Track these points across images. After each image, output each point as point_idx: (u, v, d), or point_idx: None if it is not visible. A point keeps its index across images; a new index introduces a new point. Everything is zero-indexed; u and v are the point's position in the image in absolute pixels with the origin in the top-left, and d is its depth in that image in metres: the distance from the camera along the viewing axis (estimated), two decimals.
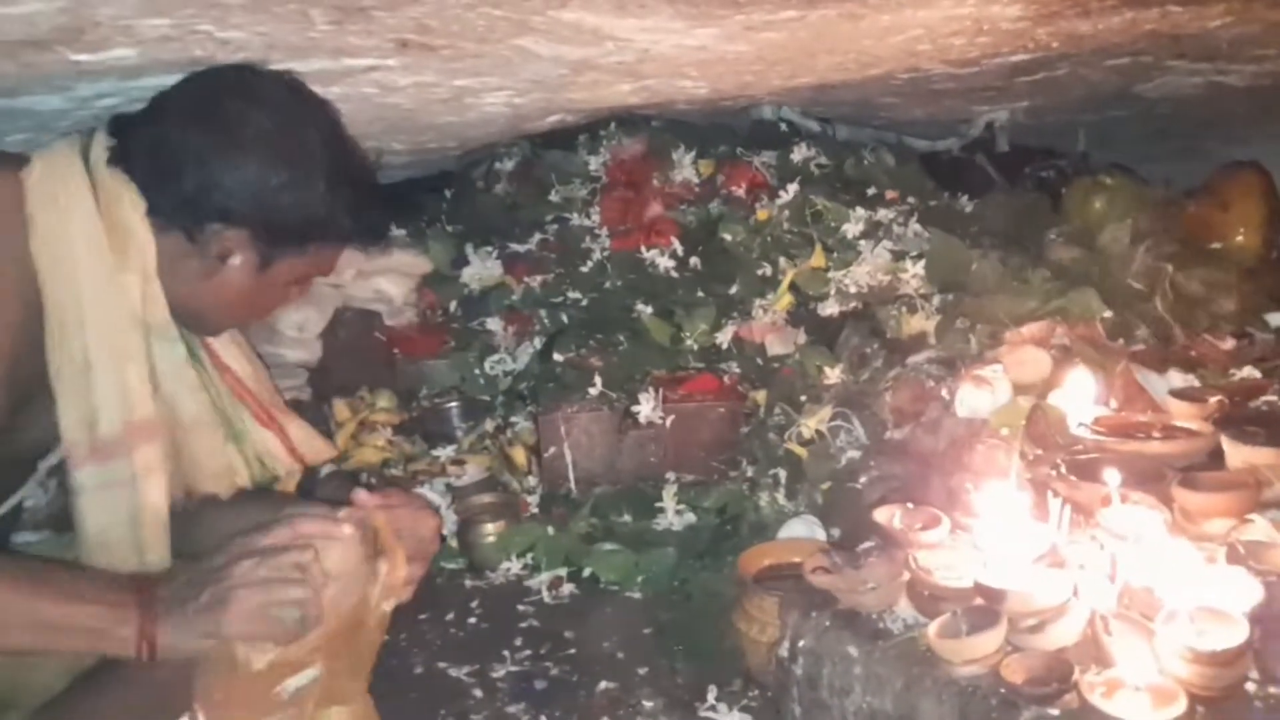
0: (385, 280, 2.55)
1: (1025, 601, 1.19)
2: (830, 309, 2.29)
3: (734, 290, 2.39)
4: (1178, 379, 1.72)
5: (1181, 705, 1.05)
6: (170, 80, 1.49)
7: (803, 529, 1.94)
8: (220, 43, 1.44)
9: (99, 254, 1.22)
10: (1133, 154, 3.04)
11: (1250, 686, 1.09)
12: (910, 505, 1.48)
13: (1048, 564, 1.29)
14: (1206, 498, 1.29)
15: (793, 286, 2.34)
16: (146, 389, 1.27)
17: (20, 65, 1.36)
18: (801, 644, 1.44)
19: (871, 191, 2.47)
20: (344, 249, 1.44)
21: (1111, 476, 1.31)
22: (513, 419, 2.35)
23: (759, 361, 2.30)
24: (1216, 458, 1.43)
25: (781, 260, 2.37)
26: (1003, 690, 1.16)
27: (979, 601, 1.25)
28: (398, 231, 2.65)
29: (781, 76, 2.24)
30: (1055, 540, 1.31)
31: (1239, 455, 1.35)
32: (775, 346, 2.29)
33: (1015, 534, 1.30)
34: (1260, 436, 1.36)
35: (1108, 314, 1.87)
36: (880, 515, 1.47)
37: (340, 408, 2.31)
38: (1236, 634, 1.05)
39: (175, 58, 1.46)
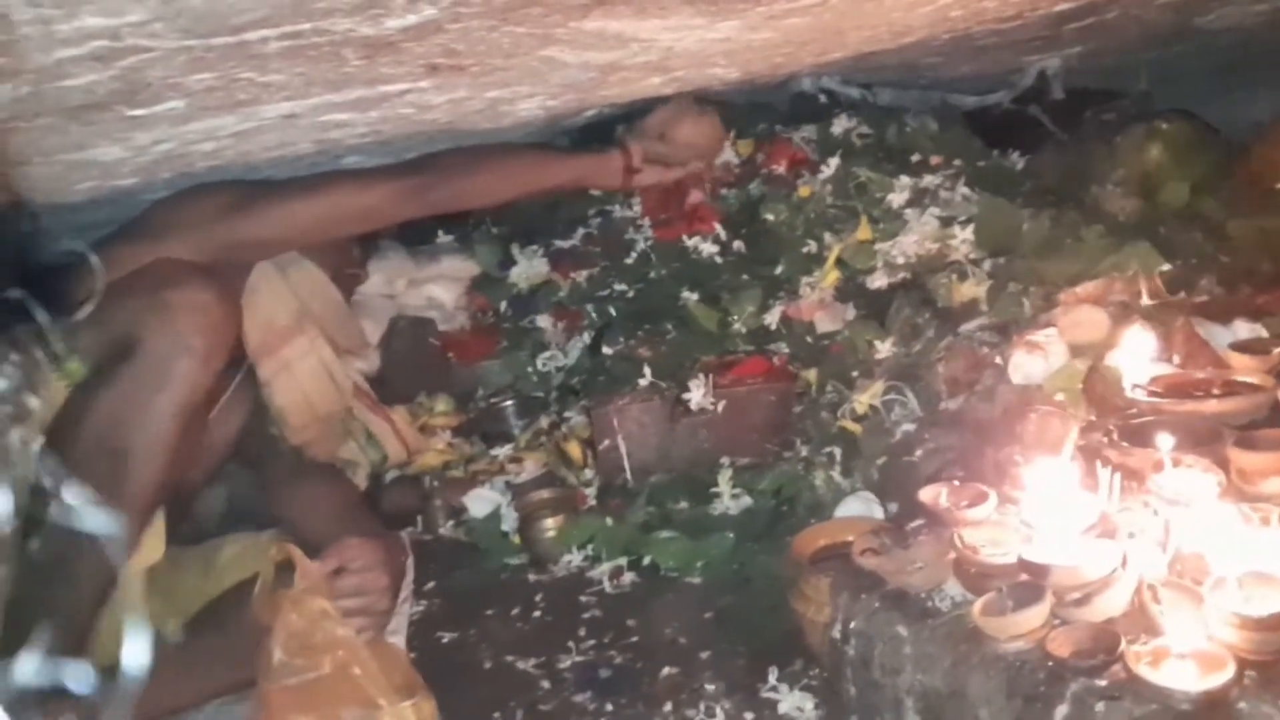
0: (436, 287, 2.59)
1: (1070, 575, 1.16)
2: (879, 282, 2.24)
3: (779, 270, 2.36)
4: (1244, 329, 1.65)
5: (1230, 671, 1.01)
6: (219, 123, 1.58)
7: (859, 506, 1.91)
8: (262, 86, 1.52)
9: None
10: (1203, 89, 2.90)
11: None
12: (956, 482, 1.45)
13: (1098, 534, 1.25)
14: (1263, 457, 1.23)
15: (839, 261, 2.30)
16: None
17: (83, 124, 1.47)
18: (853, 625, 1.43)
19: (916, 158, 2.40)
20: None
21: (1164, 440, 1.26)
22: (566, 414, 2.36)
23: (808, 340, 2.26)
24: None
25: (826, 236, 2.32)
26: (1050, 664, 1.13)
27: (1024, 577, 1.22)
28: (445, 238, 2.69)
29: (813, 54, 2.21)
30: (1105, 509, 1.27)
31: None
32: (824, 324, 2.26)
33: (1062, 506, 1.27)
34: None
35: (1166, 267, 1.80)
36: (926, 494, 1.45)
37: (400, 415, 2.35)
38: None
39: (221, 103, 1.57)
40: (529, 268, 2.61)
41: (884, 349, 2.13)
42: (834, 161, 2.41)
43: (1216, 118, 2.51)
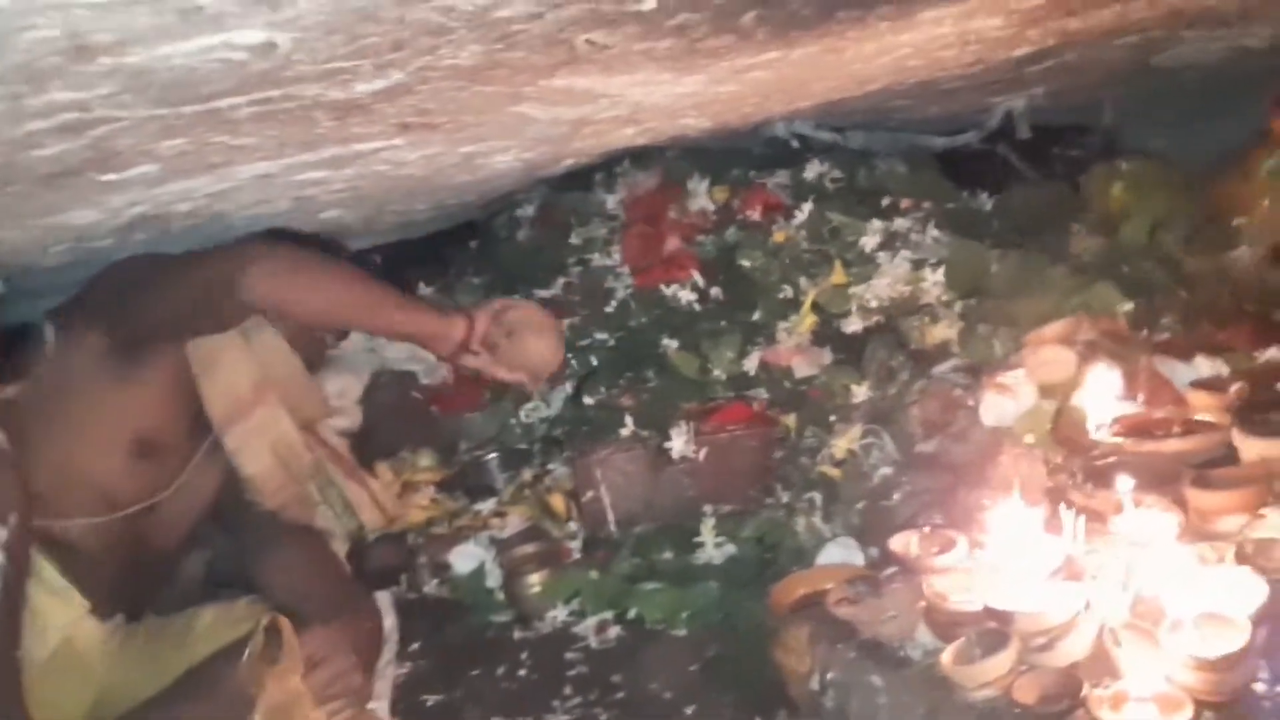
0: None
1: (1034, 621, 1.17)
2: (854, 325, 2.27)
3: (757, 316, 2.38)
4: (1205, 366, 1.67)
5: (1188, 713, 1.02)
6: (194, 184, 1.60)
7: (840, 553, 1.92)
8: (235, 148, 1.54)
9: None
10: (1166, 122, 2.94)
11: (1259, 687, 1.07)
12: (927, 529, 1.46)
13: (1063, 577, 1.26)
14: (1218, 496, 1.25)
15: (815, 306, 2.33)
16: None
17: (56, 190, 1.48)
18: (830, 676, 1.44)
19: (887, 201, 2.44)
20: None
21: (1124, 483, 1.28)
22: (550, 466, 2.37)
23: (787, 385, 2.28)
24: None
25: (802, 280, 2.35)
26: (1017, 711, 1.14)
27: (991, 624, 1.23)
28: (426, 289, 2.70)
29: (781, 104, 2.25)
30: (1070, 552, 1.28)
31: (1251, 449, 1.31)
32: (802, 368, 2.28)
33: (1028, 550, 1.28)
34: (1273, 427, 1.31)
35: (1129, 306, 1.82)
36: (897, 543, 1.46)
37: (383, 471, 2.35)
38: (1238, 638, 1.02)
39: (194, 166, 1.59)
40: None
41: (860, 392, 2.15)
42: (807, 206, 2.44)
43: (1180, 149, 2.55)
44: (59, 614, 1.54)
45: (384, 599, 2.01)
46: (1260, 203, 2.02)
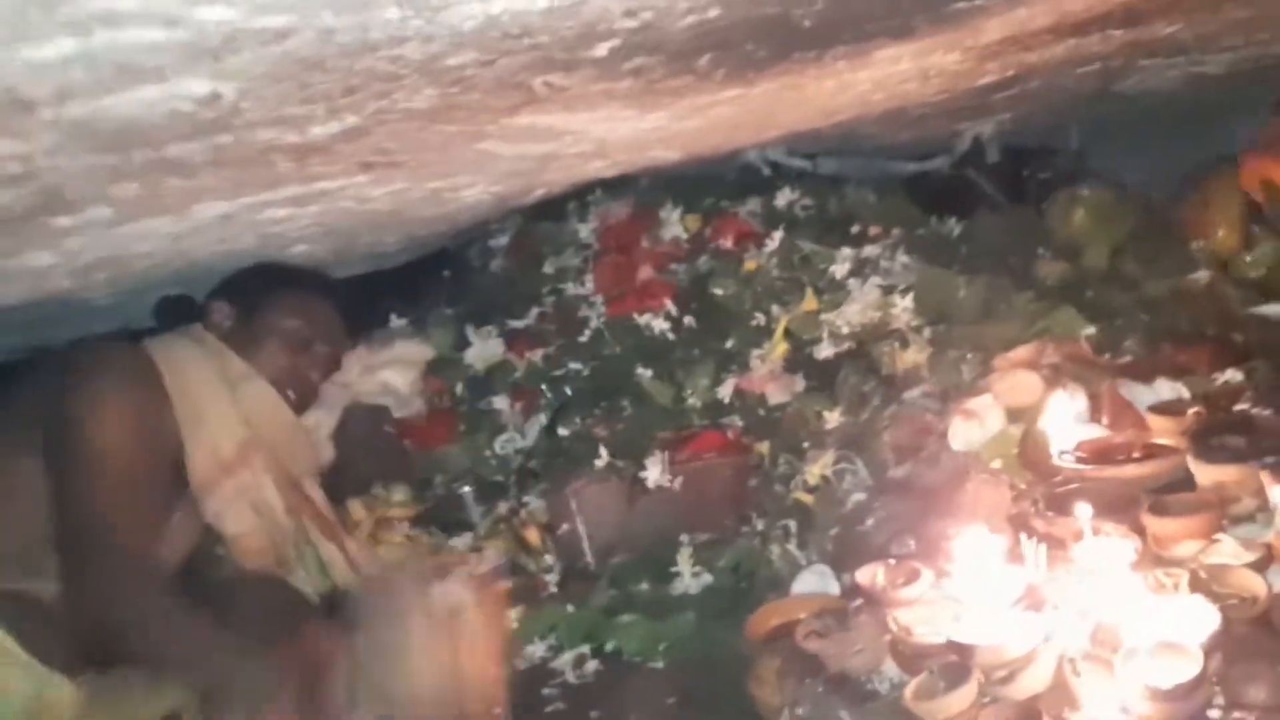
0: (390, 372, 2.58)
1: (995, 653, 1.17)
2: (826, 351, 2.27)
3: (730, 343, 2.39)
4: (1166, 388, 1.68)
5: None
6: (153, 225, 1.59)
7: (815, 581, 1.92)
8: (191, 191, 1.52)
9: None
10: (1132, 145, 2.97)
11: (1214, 714, 1.06)
12: (892, 561, 1.46)
13: (1025, 607, 1.26)
14: (1175, 522, 1.26)
15: (787, 333, 2.33)
16: None
17: (9, 235, 1.49)
18: (799, 711, 1.44)
19: (856, 228, 2.45)
20: None
21: (1083, 510, 1.28)
22: (525, 498, 2.36)
23: (761, 412, 2.28)
24: None
25: (774, 308, 2.36)
26: None
27: (953, 657, 1.23)
28: (398, 321, 2.70)
29: (749, 135, 2.27)
30: (1032, 581, 1.29)
31: (1206, 474, 1.31)
32: (775, 395, 2.28)
33: (990, 580, 1.28)
34: (1228, 452, 1.32)
35: (1091, 330, 1.83)
36: (863, 575, 1.46)
37: (355, 508, 2.34)
38: (1191, 667, 1.02)
39: (150, 209, 1.58)
40: (484, 348, 2.62)
41: (833, 419, 2.15)
42: (778, 234, 2.46)
43: (1143, 172, 2.58)
44: (22, 683, 1.50)
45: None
46: (1217, 228, 2.04)
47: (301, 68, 1.09)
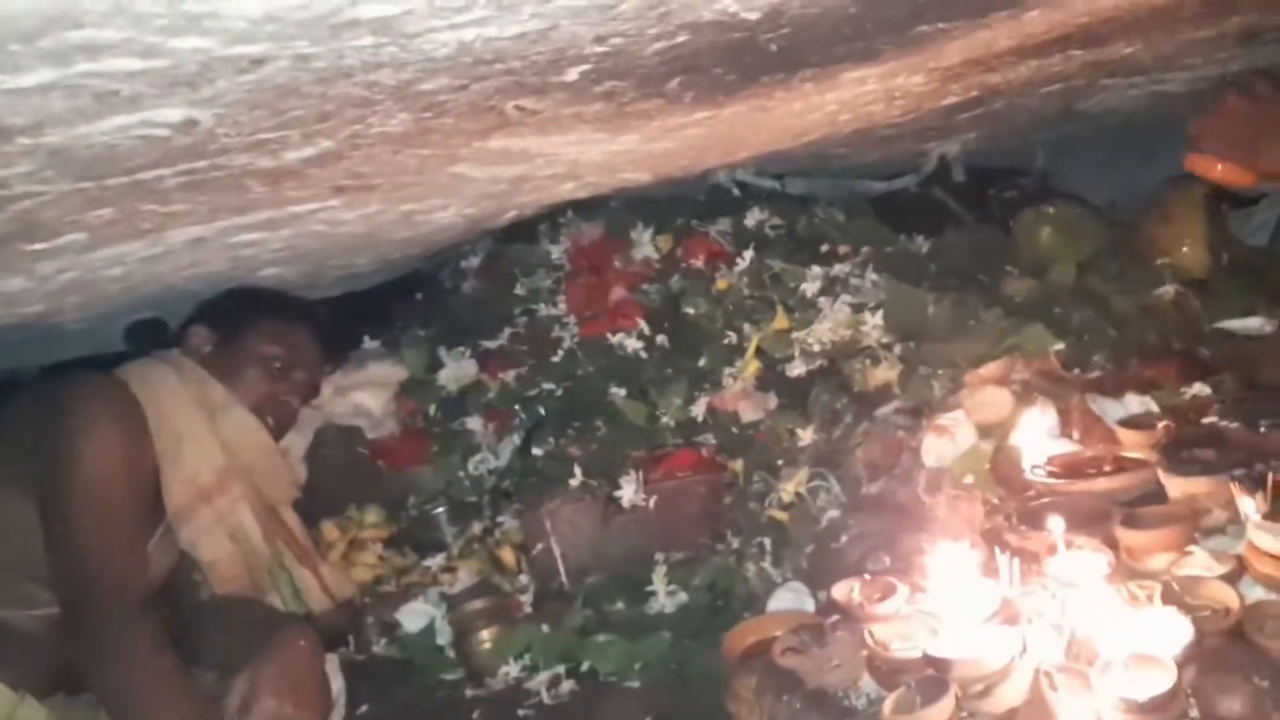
0: (363, 394, 2.58)
1: (971, 667, 1.18)
2: (798, 369, 2.29)
3: (702, 362, 2.40)
4: (1135, 403, 1.71)
5: None
6: (126, 249, 1.59)
7: (790, 598, 1.93)
8: (165, 215, 1.53)
9: None
10: (1097, 162, 3.02)
11: None
12: (868, 576, 1.47)
13: (1000, 621, 1.27)
14: (1147, 535, 1.28)
15: (759, 351, 2.35)
16: None
17: None
18: None
19: (826, 247, 2.47)
20: None
21: (1055, 524, 1.30)
22: (499, 519, 2.35)
23: (734, 430, 2.29)
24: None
25: (745, 326, 2.38)
26: None
27: (930, 671, 1.24)
28: (371, 343, 2.70)
29: (718, 157, 2.29)
30: (1007, 596, 1.30)
31: (1177, 487, 1.34)
32: (748, 413, 2.29)
33: (965, 595, 1.29)
34: (1199, 465, 1.34)
35: (1060, 346, 1.86)
36: (839, 591, 1.47)
37: (329, 530, 2.33)
38: (1165, 679, 1.04)
39: (124, 234, 1.59)
40: (457, 369, 2.62)
41: (806, 436, 2.16)
42: (749, 254, 2.48)
43: (1110, 189, 2.62)
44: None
45: (331, 662, 1.97)
46: (1181, 243, 2.08)
47: (277, 94, 1.10)
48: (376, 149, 1.51)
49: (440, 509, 2.41)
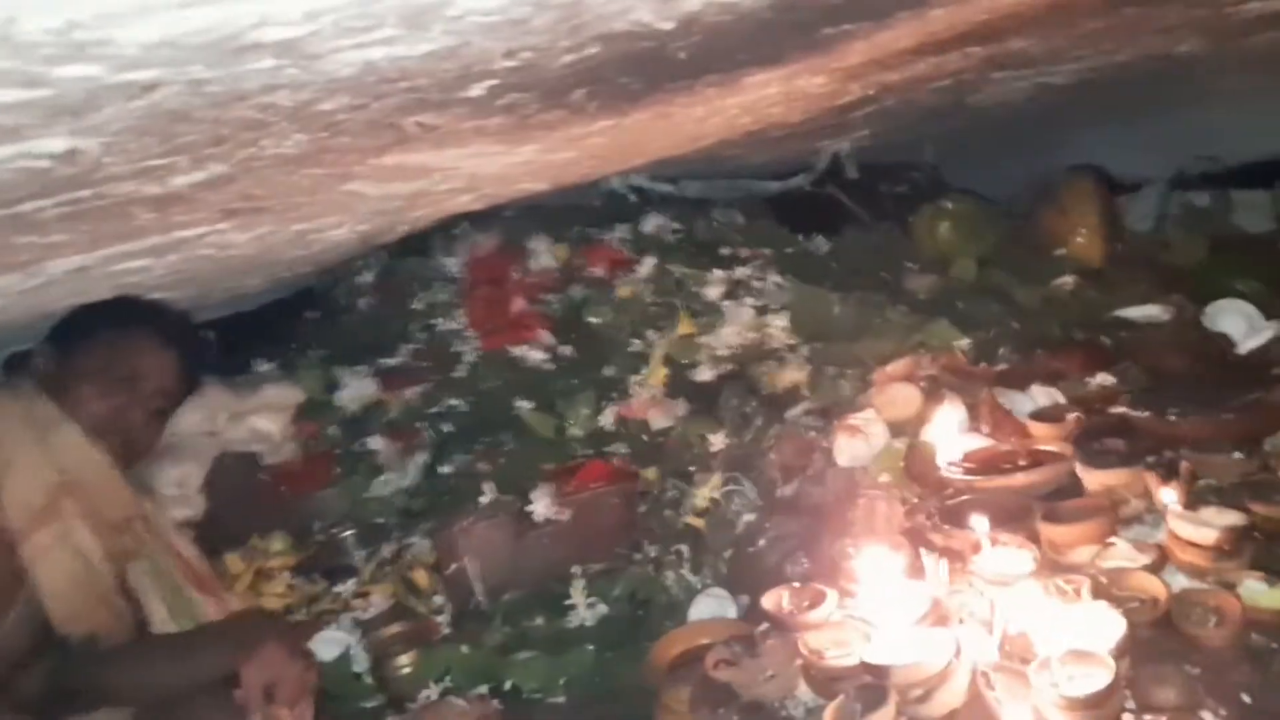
0: (260, 419, 2.48)
1: (909, 673, 1.18)
2: (706, 374, 2.29)
3: (609, 371, 2.38)
4: (1041, 395, 1.75)
5: None
6: (4, 282, 1.50)
7: (712, 605, 1.93)
8: (45, 246, 1.45)
9: None
10: (984, 156, 3.10)
11: (1127, 718, 1.10)
12: (796, 584, 1.47)
13: (931, 622, 1.28)
14: (1069, 529, 1.30)
15: (666, 357, 2.34)
16: None
17: None
18: None
19: (727, 251, 2.48)
20: None
21: (979, 522, 1.32)
22: (409, 540, 2.29)
23: (644, 438, 2.28)
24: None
25: (650, 333, 2.37)
26: None
27: (868, 678, 1.25)
28: (266, 365, 2.60)
29: (617, 165, 2.27)
30: (936, 596, 1.31)
31: (1094, 479, 1.37)
32: (658, 421, 2.28)
33: (894, 598, 1.30)
34: (1113, 456, 1.37)
35: (965, 341, 1.89)
36: (768, 600, 1.46)
37: (233, 561, 2.23)
38: (1103, 675, 1.06)
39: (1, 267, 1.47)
40: (357, 389, 2.54)
41: (717, 441, 2.16)
42: (649, 259, 2.46)
43: (1000, 182, 2.69)
44: None
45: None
46: (1077, 234, 2.14)
47: (168, 120, 1.04)
48: (269, 170, 1.45)
49: (348, 533, 2.33)
